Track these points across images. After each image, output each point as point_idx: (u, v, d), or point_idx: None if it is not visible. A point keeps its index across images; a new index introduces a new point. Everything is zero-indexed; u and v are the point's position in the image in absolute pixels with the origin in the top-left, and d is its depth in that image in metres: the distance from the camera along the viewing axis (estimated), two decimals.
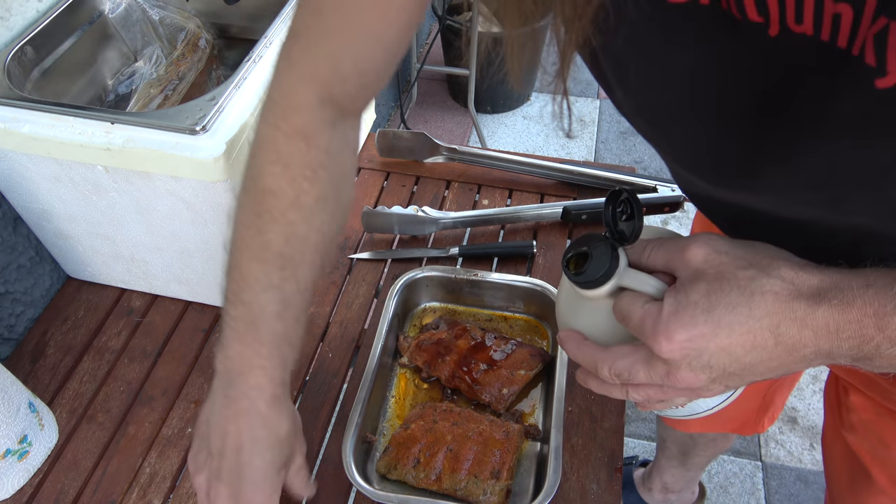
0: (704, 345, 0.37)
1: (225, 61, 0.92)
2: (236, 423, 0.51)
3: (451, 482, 0.62)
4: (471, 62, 2.03)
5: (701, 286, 0.37)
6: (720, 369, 0.37)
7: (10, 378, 0.62)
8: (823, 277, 0.35)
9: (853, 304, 0.34)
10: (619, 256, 0.41)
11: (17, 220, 0.75)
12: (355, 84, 0.49)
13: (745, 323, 0.36)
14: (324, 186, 0.50)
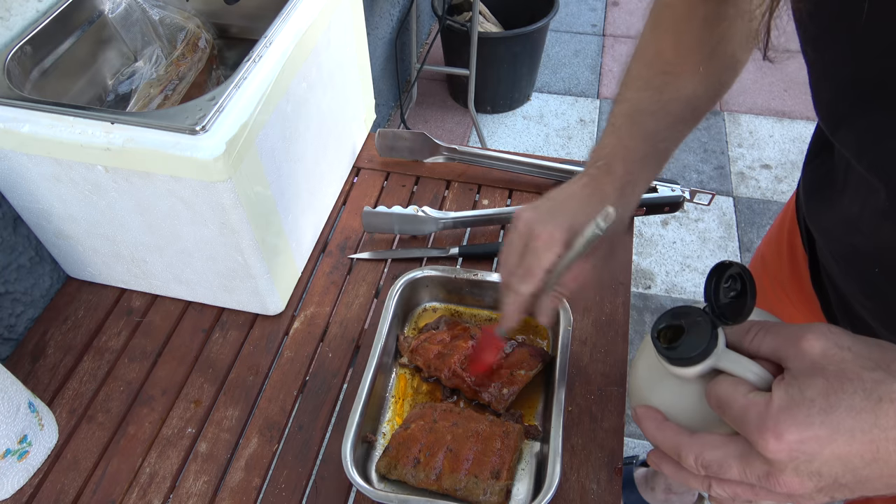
0: (818, 450, 0.33)
1: (225, 61, 0.92)
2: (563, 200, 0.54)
3: (451, 482, 0.62)
4: (471, 62, 2.03)
5: (818, 383, 0.33)
6: (831, 478, 0.33)
7: (10, 378, 0.62)
8: None
9: None
10: (718, 335, 0.38)
11: (17, 220, 0.75)
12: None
13: (870, 432, 0.32)
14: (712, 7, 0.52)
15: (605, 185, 0.54)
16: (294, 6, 0.72)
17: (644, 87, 0.54)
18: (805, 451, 0.33)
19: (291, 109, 0.71)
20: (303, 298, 0.82)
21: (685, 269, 1.91)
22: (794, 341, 0.35)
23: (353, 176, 0.97)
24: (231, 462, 0.68)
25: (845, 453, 0.32)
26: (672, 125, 0.54)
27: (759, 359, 0.37)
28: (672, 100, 0.53)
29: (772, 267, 0.74)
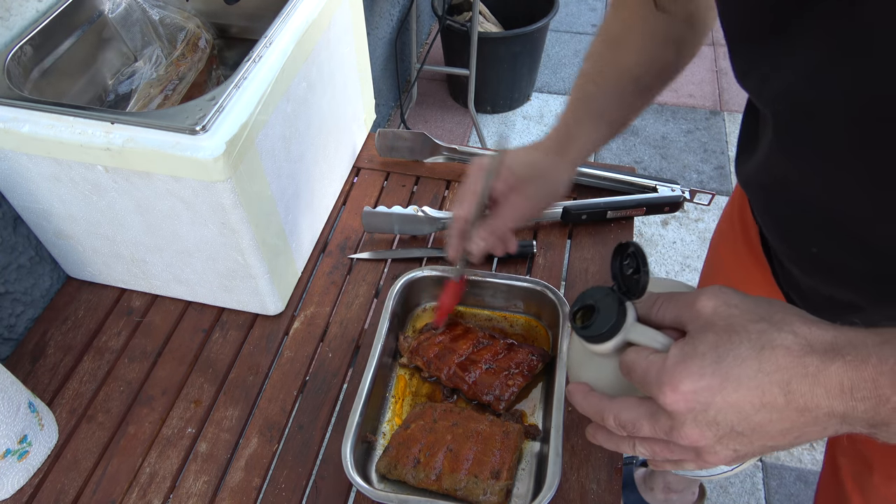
0: (710, 398, 0.35)
1: (225, 61, 0.92)
2: None
3: (451, 482, 0.62)
4: (471, 62, 2.03)
5: (709, 337, 0.36)
6: (727, 427, 0.35)
7: (10, 378, 0.62)
8: (838, 334, 0.34)
9: (868, 360, 0.32)
10: (627, 311, 0.40)
11: (17, 220, 0.75)
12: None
13: (755, 377, 0.34)
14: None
15: (545, 140, 0.63)
16: (294, 6, 0.72)
17: (591, 58, 0.62)
18: (700, 400, 0.35)
19: (291, 109, 0.71)
20: (303, 298, 0.82)
21: (685, 269, 1.91)
22: (690, 305, 0.38)
23: (353, 176, 0.97)
24: (231, 462, 0.68)
25: (735, 400, 0.34)
26: (610, 92, 0.60)
27: (665, 328, 0.40)
28: (610, 69, 0.60)
29: (727, 238, 0.77)
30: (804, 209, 0.50)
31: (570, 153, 0.61)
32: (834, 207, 0.46)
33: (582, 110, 0.61)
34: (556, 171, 0.62)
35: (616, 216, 0.88)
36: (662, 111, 2.41)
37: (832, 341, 0.34)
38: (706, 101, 2.42)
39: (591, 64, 0.61)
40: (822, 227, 0.49)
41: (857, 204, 0.43)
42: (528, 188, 0.60)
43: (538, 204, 0.61)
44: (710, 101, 2.42)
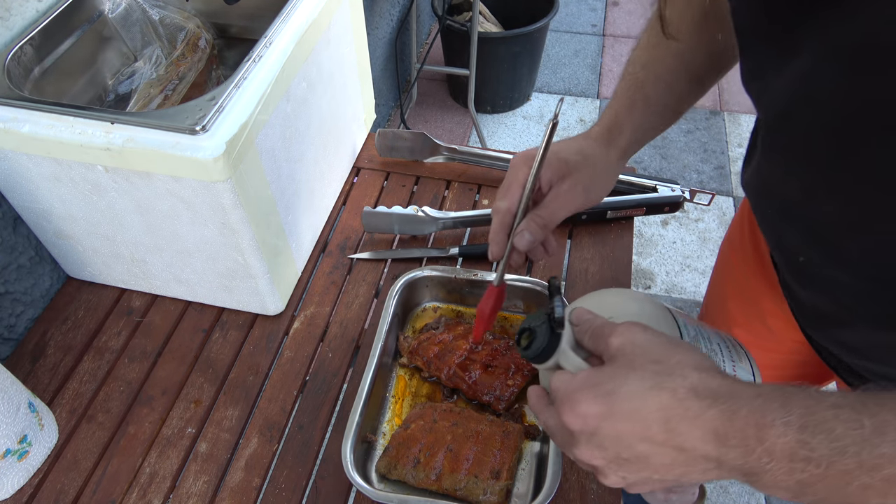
0: (598, 425, 0.38)
1: (225, 61, 0.92)
2: None
3: (451, 482, 0.62)
4: (471, 62, 2.03)
5: (609, 370, 0.40)
6: (613, 452, 0.39)
7: (10, 378, 0.62)
8: (722, 383, 0.36)
9: (739, 411, 0.34)
10: (562, 336, 0.45)
11: (17, 220, 0.75)
12: None
13: (639, 412, 0.37)
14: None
15: (592, 128, 0.60)
16: (294, 6, 0.72)
17: (639, 46, 0.59)
18: (590, 423, 0.39)
19: (291, 109, 0.71)
20: (303, 298, 0.82)
21: (685, 269, 1.91)
22: (604, 338, 0.42)
23: (353, 176, 0.97)
24: (231, 462, 0.68)
25: (621, 430, 0.38)
26: (660, 76, 0.58)
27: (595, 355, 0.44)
28: (664, 54, 0.58)
29: (737, 246, 0.77)
30: (790, 217, 0.50)
31: (620, 142, 0.58)
32: (814, 217, 0.46)
33: (631, 97, 0.58)
34: (607, 160, 0.58)
35: (616, 216, 0.88)
36: None
37: (715, 389, 0.36)
38: (706, 100, 2.42)
39: (640, 51, 0.59)
40: (806, 236, 0.49)
41: (834, 215, 0.44)
42: (579, 177, 0.56)
43: (589, 195, 0.57)
44: (710, 101, 2.42)
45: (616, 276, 0.83)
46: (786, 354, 0.72)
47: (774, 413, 0.33)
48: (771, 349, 0.73)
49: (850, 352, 0.56)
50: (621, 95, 0.59)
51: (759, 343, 0.74)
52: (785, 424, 0.33)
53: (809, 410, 0.33)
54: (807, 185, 0.45)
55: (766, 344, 0.73)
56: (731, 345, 0.52)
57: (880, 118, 0.35)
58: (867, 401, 0.33)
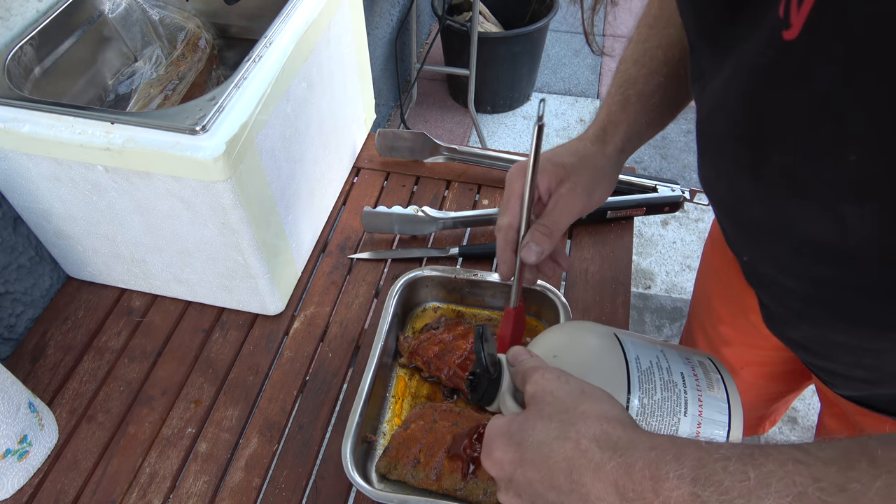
0: (512, 472, 0.39)
1: (225, 61, 0.92)
2: None
3: (450, 482, 0.62)
4: (471, 62, 2.03)
5: (520, 419, 0.41)
6: (528, 500, 0.39)
7: (10, 378, 0.62)
8: (624, 434, 0.37)
9: (635, 464, 0.35)
10: (502, 379, 0.46)
11: (17, 220, 0.75)
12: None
13: (545, 462, 0.37)
14: None
15: (587, 130, 0.58)
16: (294, 6, 0.72)
17: (632, 41, 0.58)
18: (505, 470, 0.40)
19: (291, 109, 0.71)
20: (303, 298, 0.82)
21: (685, 269, 1.91)
22: (524, 384, 0.43)
23: (353, 176, 0.97)
24: (231, 462, 0.68)
25: (530, 479, 0.38)
26: (653, 71, 0.56)
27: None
28: (653, 47, 0.56)
29: (718, 245, 0.76)
30: (728, 217, 0.51)
31: (616, 139, 0.56)
32: (746, 219, 0.46)
33: (624, 94, 0.57)
34: (605, 158, 0.56)
35: (616, 216, 0.88)
36: None
37: (615, 441, 0.36)
38: None
39: (632, 47, 0.58)
40: (744, 236, 0.49)
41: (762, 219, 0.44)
42: (577, 179, 0.54)
43: (591, 197, 0.55)
44: None
45: (616, 276, 0.83)
46: (771, 350, 0.73)
47: (668, 465, 0.34)
48: (757, 345, 0.74)
49: (799, 348, 0.56)
50: (614, 93, 0.57)
51: (745, 339, 0.74)
52: (678, 477, 0.33)
53: (700, 463, 0.33)
54: (734, 189, 0.45)
55: (751, 340, 0.74)
56: (701, 372, 0.50)
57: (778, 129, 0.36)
58: (754, 452, 0.33)
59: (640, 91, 0.56)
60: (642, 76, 0.56)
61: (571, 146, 0.57)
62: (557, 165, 0.54)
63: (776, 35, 0.32)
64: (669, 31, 0.56)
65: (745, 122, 0.39)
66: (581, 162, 0.55)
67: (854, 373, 0.52)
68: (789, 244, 0.42)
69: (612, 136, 0.57)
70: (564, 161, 0.55)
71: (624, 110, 0.56)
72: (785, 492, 0.30)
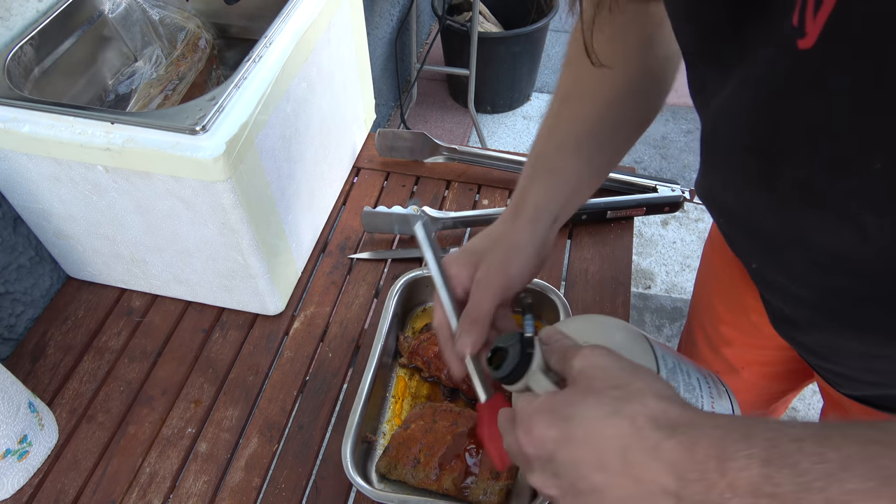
0: (554, 450, 0.37)
1: (225, 61, 0.92)
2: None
3: (451, 482, 0.62)
4: (471, 62, 2.03)
5: (567, 394, 0.38)
6: (568, 482, 0.37)
7: (10, 378, 0.62)
8: (683, 413, 0.35)
9: (699, 443, 0.33)
10: (534, 357, 0.44)
11: (17, 220, 0.75)
12: None
13: (595, 440, 0.35)
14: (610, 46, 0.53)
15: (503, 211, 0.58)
16: (294, 6, 0.72)
17: (546, 117, 0.58)
18: (546, 449, 0.37)
19: (291, 109, 0.71)
20: (303, 298, 0.82)
21: (685, 269, 1.91)
22: (567, 360, 0.41)
23: (353, 176, 0.97)
24: (231, 462, 0.68)
25: (576, 457, 0.36)
26: (563, 147, 0.56)
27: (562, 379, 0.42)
28: (564, 121, 0.56)
29: (717, 246, 0.76)
30: (736, 226, 0.50)
31: (526, 212, 0.55)
32: (757, 229, 0.46)
33: (534, 168, 0.56)
34: (517, 233, 0.55)
35: (616, 216, 0.88)
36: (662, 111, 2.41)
37: (675, 419, 0.34)
38: None
39: (545, 122, 0.58)
40: (754, 245, 0.49)
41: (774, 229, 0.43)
42: (491, 260, 0.53)
43: (508, 274, 0.53)
44: None
45: (616, 276, 0.83)
46: (773, 350, 0.73)
47: (736, 445, 0.32)
48: (758, 345, 0.74)
49: (807, 352, 0.56)
50: (527, 167, 0.57)
51: (746, 339, 0.74)
52: (748, 458, 0.31)
53: (772, 443, 0.31)
54: (743, 199, 0.45)
55: (753, 340, 0.74)
56: (711, 381, 0.50)
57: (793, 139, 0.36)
58: (830, 433, 0.31)
59: (552, 166, 0.56)
60: (552, 150, 0.56)
61: (487, 231, 0.57)
62: (471, 254, 0.55)
63: (790, 44, 0.32)
64: (581, 106, 0.56)
65: (756, 132, 0.38)
66: (493, 243, 0.55)
67: (863, 376, 0.52)
68: (803, 254, 0.42)
69: (522, 210, 0.56)
70: (476, 247, 0.55)
71: (533, 184, 0.56)
72: (869, 475, 0.29)
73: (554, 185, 0.55)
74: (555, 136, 0.56)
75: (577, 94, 0.56)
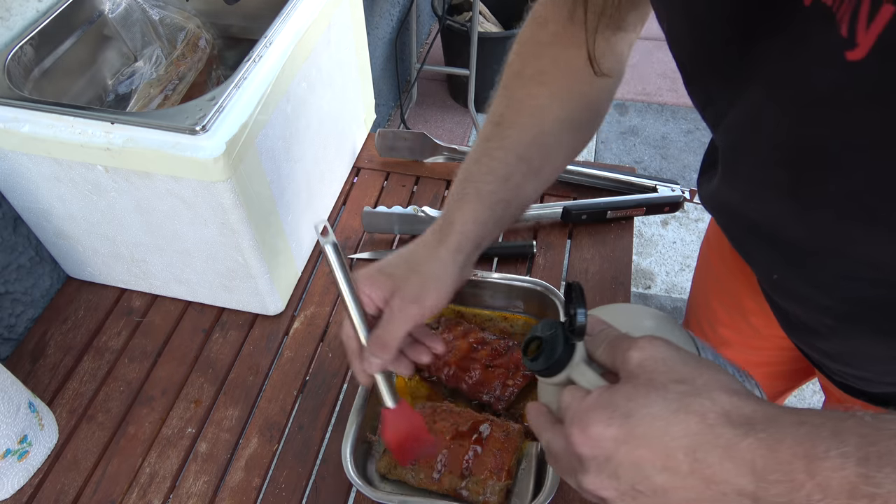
0: (614, 450, 0.34)
1: (225, 61, 0.92)
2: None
3: (451, 482, 0.62)
4: (471, 62, 2.03)
5: (627, 389, 0.36)
6: (628, 483, 0.35)
7: (10, 378, 0.62)
8: (758, 408, 0.33)
9: (783, 441, 0.31)
10: (576, 349, 0.41)
11: (17, 220, 0.75)
12: None
13: (660, 438, 0.33)
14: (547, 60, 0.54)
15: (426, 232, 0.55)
16: (294, 6, 0.72)
17: (477, 138, 0.57)
18: (603, 447, 0.35)
19: (291, 109, 0.71)
20: (303, 298, 0.82)
21: (685, 269, 1.91)
22: (622, 353, 0.38)
23: (353, 176, 0.97)
24: (231, 462, 0.68)
25: (638, 457, 0.34)
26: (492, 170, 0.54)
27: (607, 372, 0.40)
28: (494, 147, 0.55)
29: (714, 246, 0.76)
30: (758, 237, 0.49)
31: (451, 240, 0.53)
32: (783, 240, 0.45)
33: (462, 191, 0.54)
34: (437, 263, 0.53)
35: (616, 216, 0.88)
36: (662, 111, 2.41)
37: (750, 415, 0.32)
38: None
39: (476, 144, 0.57)
40: (777, 256, 0.48)
41: (803, 239, 0.42)
42: (406, 289, 0.52)
43: (422, 306, 0.52)
44: None
45: (616, 276, 0.83)
46: (772, 351, 0.73)
47: (826, 443, 0.30)
48: (757, 347, 0.74)
49: (829, 358, 0.55)
50: (454, 190, 0.55)
51: (745, 342, 0.74)
52: (842, 456, 0.29)
53: (867, 440, 0.29)
54: (770, 212, 0.44)
55: (751, 342, 0.73)
56: (745, 375, 0.49)
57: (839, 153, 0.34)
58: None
59: (478, 189, 0.54)
60: (481, 174, 0.54)
61: (406, 251, 0.55)
62: (386, 276, 0.53)
63: (837, 55, 0.30)
64: (512, 131, 0.55)
65: (790, 146, 0.37)
66: (410, 270, 0.53)
67: (884, 377, 0.51)
68: (837, 264, 0.41)
69: (447, 236, 0.53)
70: (394, 272, 0.53)
71: (461, 209, 0.54)
72: None
73: (480, 210, 0.53)
74: (485, 161, 0.55)
75: (510, 119, 0.55)
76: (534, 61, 0.55)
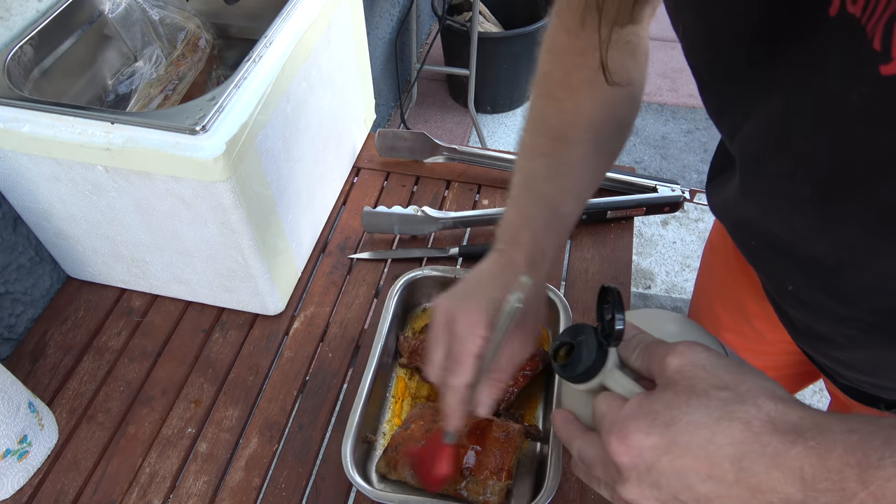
0: (655, 458, 0.34)
1: (225, 61, 0.92)
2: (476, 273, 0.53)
3: (451, 482, 0.62)
4: (471, 62, 2.03)
5: (667, 396, 0.35)
6: (669, 493, 0.34)
7: (10, 378, 0.62)
8: (804, 415, 0.32)
9: (833, 449, 0.30)
10: (609, 355, 0.40)
11: (17, 220, 0.75)
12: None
13: (705, 447, 0.32)
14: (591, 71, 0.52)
15: (514, 257, 0.52)
16: (294, 6, 0.72)
17: (535, 156, 0.55)
18: (644, 457, 0.34)
19: (291, 109, 0.71)
20: (303, 298, 0.82)
21: (685, 269, 1.91)
22: (660, 358, 0.37)
23: (353, 176, 0.97)
24: (231, 462, 0.68)
25: (681, 466, 0.33)
26: (567, 189, 0.54)
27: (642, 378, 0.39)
28: (564, 164, 0.53)
29: (718, 250, 0.76)
30: (775, 250, 0.49)
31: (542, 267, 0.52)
32: (804, 254, 0.44)
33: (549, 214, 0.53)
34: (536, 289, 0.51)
35: (616, 216, 0.88)
36: (662, 111, 2.41)
37: (797, 423, 0.32)
38: None
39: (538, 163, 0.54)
40: (795, 269, 0.48)
41: (826, 254, 0.42)
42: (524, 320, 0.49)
43: (535, 332, 0.52)
44: None
45: (616, 276, 0.83)
46: (776, 356, 0.72)
47: (880, 451, 0.29)
48: (761, 351, 0.73)
49: (842, 365, 0.55)
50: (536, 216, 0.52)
51: (748, 346, 0.74)
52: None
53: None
54: (792, 226, 0.43)
55: (754, 346, 0.73)
56: None
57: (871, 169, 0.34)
58: None
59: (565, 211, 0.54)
60: (557, 194, 0.53)
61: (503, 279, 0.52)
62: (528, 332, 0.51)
63: (869, 69, 0.29)
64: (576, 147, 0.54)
65: (818, 161, 0.36)
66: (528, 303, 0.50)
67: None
68: (860, 277, 0.40)
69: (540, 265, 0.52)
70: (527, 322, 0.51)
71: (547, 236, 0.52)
72: None
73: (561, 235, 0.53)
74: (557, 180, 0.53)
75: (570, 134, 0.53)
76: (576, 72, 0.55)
